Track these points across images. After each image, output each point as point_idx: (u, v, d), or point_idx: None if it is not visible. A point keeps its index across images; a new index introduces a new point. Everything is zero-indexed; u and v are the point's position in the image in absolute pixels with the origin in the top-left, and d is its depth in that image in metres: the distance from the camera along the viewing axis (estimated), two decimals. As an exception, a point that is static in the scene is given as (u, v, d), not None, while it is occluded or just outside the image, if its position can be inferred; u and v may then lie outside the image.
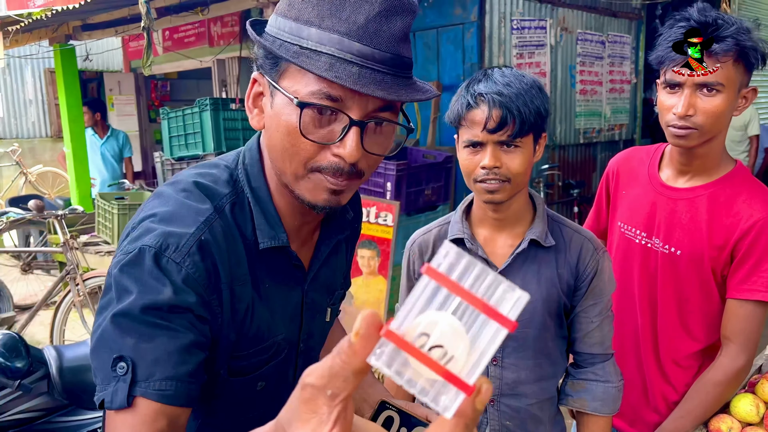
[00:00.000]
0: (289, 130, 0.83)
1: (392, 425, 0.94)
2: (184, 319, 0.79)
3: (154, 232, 0.81)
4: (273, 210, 0.93)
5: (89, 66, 8.60)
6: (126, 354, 0.76)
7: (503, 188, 1.24)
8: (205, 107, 4.84)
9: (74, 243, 4.15)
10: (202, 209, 0.85)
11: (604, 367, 1.36)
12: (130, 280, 0.79)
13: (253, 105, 0.91)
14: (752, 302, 1.42)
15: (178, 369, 0.76)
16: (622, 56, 6.69)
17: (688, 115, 1.38)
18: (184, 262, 0.80)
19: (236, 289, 0.87)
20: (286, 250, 0.94)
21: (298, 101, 0.81)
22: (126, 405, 0.74)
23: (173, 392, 0.76)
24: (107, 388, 0.76)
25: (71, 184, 6.58)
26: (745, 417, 1.48)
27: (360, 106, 0.82)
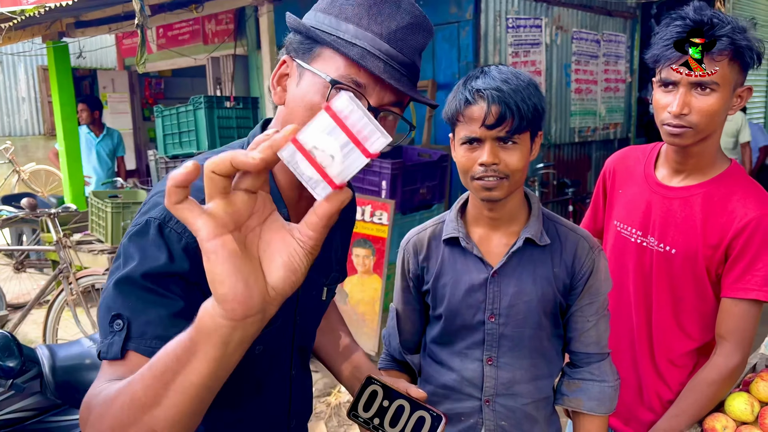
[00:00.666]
0: (312, 107, 0.93)
1: (376, 398, 1.03)
2: (177, 285, 0.88)
3: (159, 207, 0.91)
4: (275, 186, 1.02)
5: (82, 63, 8.56)
6: (123, 313, 0.84)
7: (501, 185, 1.23)
8: (199, 105, 4.82)
9: (67, 241, 4.13)
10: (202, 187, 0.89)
11: (600, 366, 1.36)
12: (135, 248, 0.88)
13: (278, 83, 1.01)
14: (746, 301, 1.42)
15: (169, 331, 0.82)
16: (617, 55, 6.70)
17: (682, 114, 1.39)
18: (185, 232, 0.89)
19: None
20: None
21: (330, 78, 0.92)
22: (119, 356, 0.83)
23: None
24: (105, 340, 0.85)
25: (64, 182, 6.55)
26: (740, 416, 1.48)
27: (378, 95, 0.95)
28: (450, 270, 1.36)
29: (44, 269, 5.60)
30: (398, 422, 1.01)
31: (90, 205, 4.73)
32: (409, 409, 1.03)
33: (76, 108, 6.34)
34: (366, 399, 1.04)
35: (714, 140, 1.48)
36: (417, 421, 1.02)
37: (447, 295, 1.35)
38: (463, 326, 1.34)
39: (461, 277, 1.34)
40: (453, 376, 1.36)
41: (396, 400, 1.04)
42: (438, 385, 1.38)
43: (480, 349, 1.34)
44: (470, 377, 1.34)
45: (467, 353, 1.35)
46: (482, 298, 1.32)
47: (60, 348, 2.33)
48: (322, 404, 3.68)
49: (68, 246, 4.12)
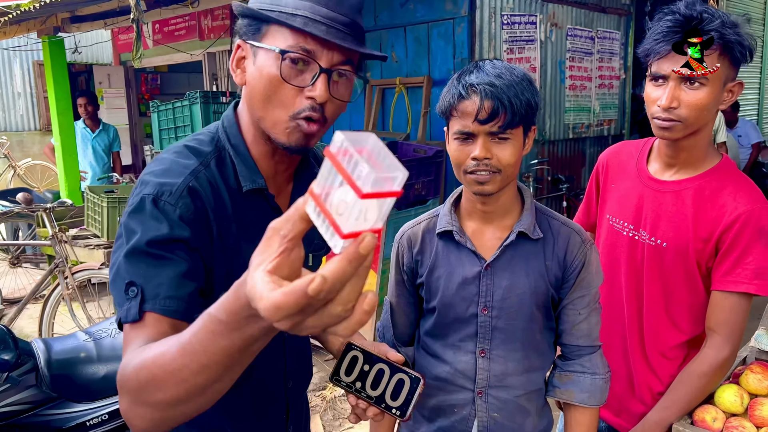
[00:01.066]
0: (270, 79, 1.02)
1: (357, 362, 1.07)
2: (180, 250, 0.97)
3: (151, 184, 1.01)
4: (251, 160, 1.11)
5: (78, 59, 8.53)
6: (136, 280, 0.94)
7: (493, 179, 1.25)
8: (195, 100, 4.82)
9: (63, 236, 4.13)
10: (188, 164, 1.05)
11: (591, 358, 1.37)
12: (135, 222, 0.98)
13: (237, 66, 1.10)
14: (736, 294, 1.44)
15: (179, 291, 0.94)
16: (611, 52, 6.71)
17: (671, 108, 1.40)
18: (178, 203, 0.99)
19: (222, 227, 1.05)
20: (264, 193, 1.12)
21: (279, 50, 1.00)
22: (138, 318, 0.92)
23: (175, 308, 0.93)
24: (122, 308, 0.93)
25: (60, 177, 6.54)
26: (730, 407, 1.50)
27: (327, 57, 1.02)
28: (444, 263, 1.37)
29: (40, 264, 5.59)
30: (379, 385, 1.04)
31: (86, 200, 4.73)
32: (389, 372, 1.06)
33: (76, 102, 6.33)
34: (347, 364, 1.07)
35: (705, 134, 1.49)
36: (397, 383, 1.05)
37: (441, 288, 1.36)
38: (456, 319, 1.36)
39: (455, 270, 1.35)
40: (446, 368, 1.37)
41: (376, 364, 1.07)
42: (431, 377, 1.39)
43: (473, 342, 1.35)
44: (463, 369, 1.36)
45: (460, 346, 1.36)
46: (475, 291, 1.33)
47: (55, 341, 2.34)
48: (318, 398, 3.70)
49: (64, 241, 4.12)
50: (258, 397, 1.18)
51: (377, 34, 5.76)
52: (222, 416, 1.15)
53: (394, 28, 5.62)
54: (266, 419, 1.21)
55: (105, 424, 2.21)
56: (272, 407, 1.22)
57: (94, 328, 2.50)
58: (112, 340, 2.37)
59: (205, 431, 1.14)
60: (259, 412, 1.19)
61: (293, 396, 1.26)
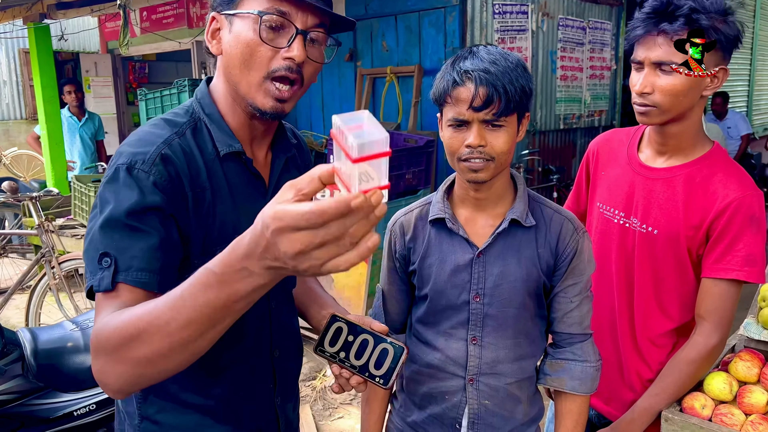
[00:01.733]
0: (248, 42, 1.05)
1: (341, 333, 1.09)
2: (155, 219, 0.99)
3: (125, 154, 1.03)
4: (226, 126, 1.14)
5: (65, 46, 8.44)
6: (110, 251, 0.96)
7: (487, 167, 1.24)
8: (183, 89, 4.77)
9: (49, 226, 4.09)
10: (162, 134, 1.08)
11: (582, 346, 1.37)
12: (110, 192, 1.00)
13: (212, 38, 1.13)
14: (726, 281, 1.44)
15: (151, 263, 0.97)
16: (602, 42, 6.72)
17: (645, 93, 1.43)
18: (151, 170, 1.01)
19: (197, 193, 1.08)
20: (242, 156, 1.15)
21: (257, 12, 1.04)
22: (110, 288, 0.95)
23: (147, 280, 0.97)
24: (95, 276, 0.96)
25: (47, 167, 6.48)
26: (719, 395, 1.50)
27: (302, 20, 1.06)
28: (436, 251, 1.36)
29: (26, 254, 5.54)
30: (363, 355, 1.07)
31: (73, 189, 4.68)
32: (372, 342, 1.08)
33: (63, 89, 6.25)
34: (332, 335, 1.09)
35: (693, 121, 1.49)
36: (381, 353, 1.07)
37: (433, 276, 1.36)
38: (448, 306, 1.35)
39: (447, 257, 1.34)
40: (437, 356, 1.37)
41: (360, 335, 1.09)
42: (423, 364, 1.39)
43: (464, 329, 1.34)
44: (454, 356, 1.35)
45: (452, 333, 1.36)
46: (467, 279, 1.33)
47: (42, 331, 2.31)
48: (308, 388, 3.69)
49: (51, 230, 4.08)
50: (245, 365, 1.21)
51: (368, 23, 5.73)
52: (210, 381, 1.17)
53: (385, 16, 5.59)
54: (253, 387, 1.23)
55: (92, 413, 2.19)
56: (259, 374, 1.24)
57: (81, 317, 2.47)
58: (99, 329, 2.35)
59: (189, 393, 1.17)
60: (245, 379, 1.21)
61: (280, 365, 1.27)
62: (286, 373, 1.30)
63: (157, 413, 1.17)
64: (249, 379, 1.21)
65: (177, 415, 1.17)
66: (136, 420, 1.18)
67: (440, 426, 1.40)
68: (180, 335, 0.80)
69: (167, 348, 0.82)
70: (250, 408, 1.23)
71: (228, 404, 1.19)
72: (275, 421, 1.29)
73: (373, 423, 1.49)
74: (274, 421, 1.28)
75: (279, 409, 1.29)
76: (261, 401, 1.25)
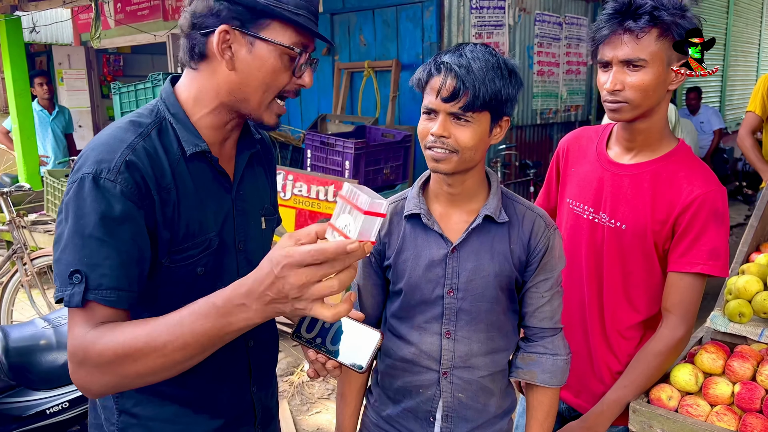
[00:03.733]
0: (275, 69, 1.11)
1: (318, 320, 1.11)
2: (124, 229, 1.01)
3: (89, 161, 1.04)
4: (192, 126, 1.15)
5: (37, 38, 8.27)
6: (81, 268, 0.99)
7: (449, 159, 1.26)
8: (158, 82, 4.71)
9: (21, 221, 4.03)
10: (125, 137, 1.09)
11: (553, 340, 1.39)
12: (78, 203, 1.01)
13: (224, 51, 1.11)
14: (691, 275, 1.48)
15: (120, 281, 1.01)
16: (578, 38, 6.78)
17: (616, 90, 1.46)
18: (117, 179, 1.02)
19: (163, 195, 1.09)
20: (207, 156, 1.16)
21: (297, 50, 1.11)
22: (81, 305, 0.98)
23: (116, 299, 1.00)
24: (65, 291, 0.99)
25: (18, 161, 6.36)
26: (685, 386, 1.54)
27: (311, 48, 1.16)
28: (411, 246, 1.37)
29: (-2, 250, 5.44)
30: (339, 341, 1.10)
31: (45, 184, 4.61)
32: (348, 329, 1.11)
33: (34, 81, 6.14)
34: (308, 321, 1.11)
35: (659, 117, 1.53)
36: (356, 339, 1.10)
37: (407, 270, 1.37)
38: (422, 301, 1.37)
39: (421, 252, 1.36)
40: (412, 350, 1.38)
41: (336, 322, 1.11)
42: (397, 358, 1.40)
43: (438, 323, 1.36)
44: (428, 350, 1.37)
45: (426, 327, 1.37)
46: (441, 274, 1.34)
47: (13, 329, 2.28)
48: (285, 383, 3.69)
49: (22, 226, 4.01)
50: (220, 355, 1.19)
51: (345, 17, 5.71)
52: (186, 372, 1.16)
53: (362, 10, 5.57)
54: (229, 376, 1.26)
55: (65, 411, 2.17)
56: (234, 364, 1.26)
57: (53, 314, 2.44)
58: (72, 326, 2.32)
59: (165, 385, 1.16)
60: (221, 369, 1.23)
61: (255, 355, 1.30)
62: (262, 363, 1.33)
63: (135, 406, 1.19)
64: (224, 369, 1.24)
65: (155, 407, 1.19)
66: (115, 414, 1.19)
67: (414, 419, 1.41)
68: (174, 357, 0.91)
69: (160, 367, 0.92)
70: (227, 397, 1.26)
71: (204, 394, 1.22)
72: (252, 409, 1.31)
73: (348, 417, 1.50)
74: (251, 410, 1.31)
75: (255, 397, 1.31)
76: (237, 390, 1.28)
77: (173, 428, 1.21)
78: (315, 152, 4.59)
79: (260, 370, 1.32)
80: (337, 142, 4.37)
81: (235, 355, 1.25)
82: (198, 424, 1.22)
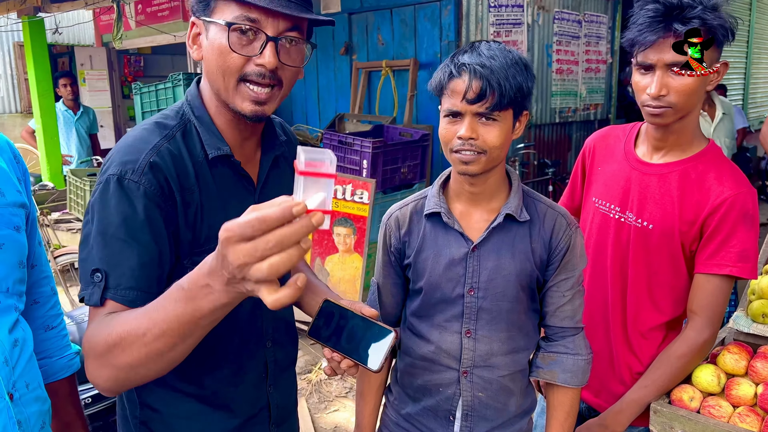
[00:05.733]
0: (221, 50, 1.07)
1: (334, 318, 1.13)
2: (146, 230, 1.02)
3: (115, 163, 1.05)
4: (215, 129, 1.16)
5: (59, 39, 8.39)
6: (101, 267, 1.00)
7: (478, 160, 1.25)
8: (178, 83, 4.77)
9: (45, 219, 4.09)
10: (150, 139, 1.10)
11: (574, 340, 1.39)
12: (102, 203, 1.03)
13: (193, 42, 1.15)
14: (719, 277, 1.46)
15: (140, 282, 1.01)
16: (598, 36, 6.72)
17: (661, 95, 1.43)
18: (141, 180, 1.04)
19: (186, 197, 1.10)
20: (230, 159, 1.17)
21: (226, 22, 1.05)
22: (99, 304, 1.00)
23: (133, 298, 1.01)
24: (86, 290, 1.01)
25: (41, 160, 6.46)
26: (707, 387, 1.52)
27: (273, 26, 1.07)
28: (431, 244, 1.37)
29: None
30: (353, 339, 1.10)
31: (68, 183, 4.68)
32: (363, 327, 1.12)
33: (59, 82, 6.23)
34: (324, 319, 1.13)
35: (693, 118, 1.51)
36: (371, 337, 1.11)
37: (427, 269, 1.37)
38: (442, 299, 1.37)
39: (442, 251, 1.36)
40: (431, 348, 1.39)
41: (351, 320, 1.13)
42: (417, 357, 1.40)
43: (459, 322, 1.36)
44: (448, 349, 1.37)
45: (446, 326, 1.37)
46: (462, 273, 1.34)
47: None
48: (303, 381, 3.71)
49: (46, 224, 4.08)
50: (238, 356, 1.25)
51: (363, 16, 5.72)
52: (204, 372, 1.22)
53: (380, 10, 5.58)
54: (245, 377, 1.27)
55: (89, 407, 2.20)
56: (251, 367, 1.27)
57: (77, 311, 2.48)
58: (96, 323, 2.35)
59: (185, 383, 1.21)
60: (238, 370, 1.24)
61: (272, 356, 1.31)
62: (279, 364, 1.34)
63: (157, 401, 1.21)
64: (242, 370, 1.25)
65: (176, 404, 1.21)
66: (137, 408, 1.22)
67: (434, 418, 1.42)
68: (155, 345, 0.86)
69: (144, 357, 0.88)
70: (243, 397, 1.27)
71: (221, 394, 1.24)
72: (267, 409, 1.32)
73: (367, 415, 1.51)
74: (266, 409, 1.32)
75: (271, 397, 1.32)
76: (253, 390, 1.29)
77: (191, 425, 1.23)
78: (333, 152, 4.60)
79: (277, 371, 1.33)
80: (355, 141, 4.38)
81: (253, 356, 1.27)
82: (215, 423, 1.24)
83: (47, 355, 1.28)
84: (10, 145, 1.18)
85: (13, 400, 1.05)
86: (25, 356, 1.10)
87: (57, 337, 1.31)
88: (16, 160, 1.18)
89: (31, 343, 1.13)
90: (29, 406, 1.09)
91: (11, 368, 1.05)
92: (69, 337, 1.37)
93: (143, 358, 0.88)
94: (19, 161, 1.19)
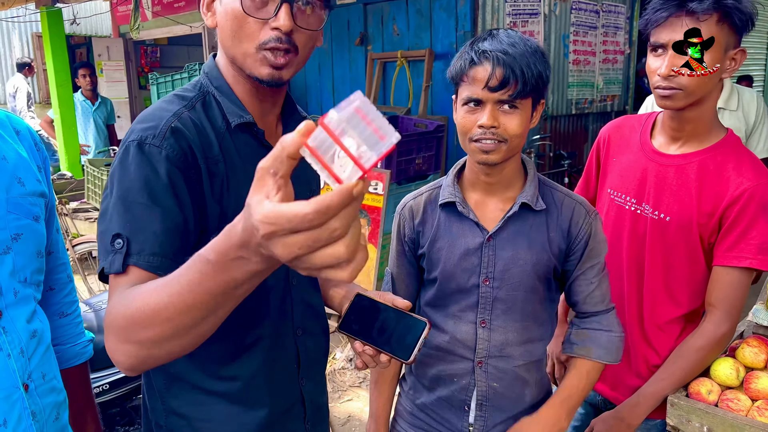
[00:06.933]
0: (235, 14, 1.03)
1: (364, 311, 1.12)
2: (169, 195, 0.97)
3: (135, 131, 1.02)
4: (236, 97, 1.13)
5: (77, 30, 8.44)
6: (123, 232, 0.95)
7: (498, 149, 1.24)
8: (194, 73, 4.78)
9: (63, 209, 4.13)
10: (171, 108, 1.07)
11: (607, 317, 1.39)
12: (123, 170, 0.98)
13: (207, 9, 1.13)
14: (738, 269, 1.44)
15: (164, 248, 0.96)
16: (616, 26, 6.64)
17: (671, 76, 1.40)
18: (162, 144, 0.99)
19: (210, 166, 1.06)
20: (253, 129, 1.13)
21: None
22: (121, 271, 0.93)
23: (158, 264, 0.95)
24: (107, 258, 0.95)
25: (60, 150, 6.53)
26: (725, 380, 1.51)
27: None
28: (446, 234, 1.37)
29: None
30: (385, 331, 1.08)
31: (86, 173, 4.73)
32: (395, 319, 1.10)
33: (78, 73, 6.28)
34: (356, 313, 1.11)
35: (709, 106, 1.48)
36: (403, 329, 1.09)
37: (442, 259, 1.36)
38: (457, 289, 1.36)
39: (457, 241, 1.35)
40: (446, 338, 1.38)
41: (383, 312, 1.11)
42: (431, 346, 1.40)
43: (474, 312, 1.36)
44: (463, 339, 1.37)
45: (461, 316, 1.37)
46: (477, 262, 1.33)
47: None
48: (318, 371, 3.73)
49: (64, 213, 4.12)
50: (267, 344, 1.19)
51: (379, 7, 5.69)
52: (233, 363, 1.16)
53: (396, 0, 5.55)
54: (276, 367, 1.21)
55: (105, 393, 2.23)
56: (282, 355, 1.22)
57: (95, 299, 2.51)
58: (113, 311, 2.38)
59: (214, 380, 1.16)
60: (269, 360, 1.19)
61: (303, 345, 1.25)
62: (311, 354, 1.28)
63: (183, 406, 1.15)
64: (271, 358, 1.19)
65: (205, 408, 1.15)
66: (162, 416, 1.17)
67: (449, 408, 1.42)
68: (181, 320, 0.78)
69: (170, 332, 0.80)
70: (274, 388, 1.21)
71: (252, 387, 1.17)
72: (301, 403, 1.26)
73: (382, 405, 1.51)
74: (299, 403, 1.26)
75: (304, 391, 1.26)
76: (285, 382, 1.23)
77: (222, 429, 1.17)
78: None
79: (309, 362, 1.27)
80: (370, 132, 4.37)
81: (283, 345, 1.22)
82: (246, 424, 1.17)
83: (61, 342, 1.28)
84: (31, 132, 1.18)
85: (28, 390, 1.05)
86: (42, 347, 1.09)
87: (71, 324, 1.31)
88: (37, 147, 1.18)
89: (48, 334, 1.12)
90: (44, 397, 1.09)
91: (27, 359, 1.05)
92: (83, 324, 1.38)
93: (169, 333, 0.80)
94: (39, 149, 1.19)
